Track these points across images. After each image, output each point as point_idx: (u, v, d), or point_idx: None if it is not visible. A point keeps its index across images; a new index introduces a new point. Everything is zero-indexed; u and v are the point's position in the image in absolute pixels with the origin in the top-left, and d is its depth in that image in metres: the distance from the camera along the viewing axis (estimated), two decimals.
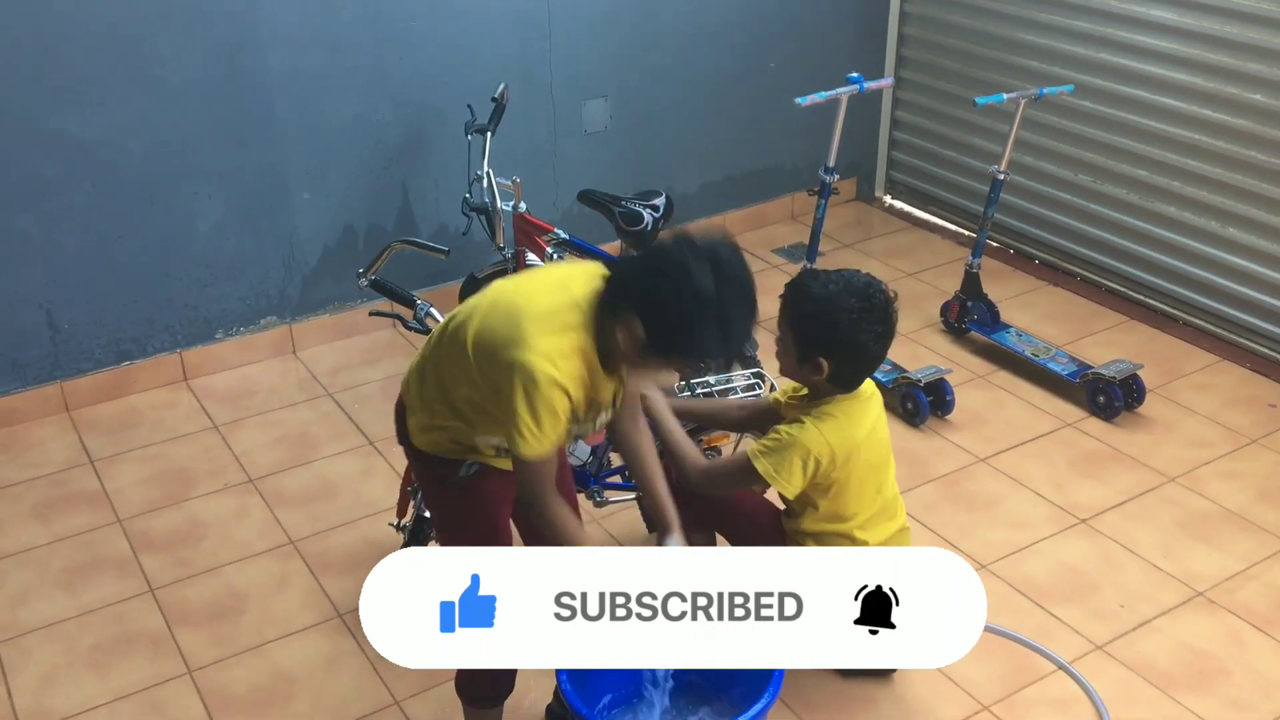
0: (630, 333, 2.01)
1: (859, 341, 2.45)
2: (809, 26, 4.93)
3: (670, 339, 2.00)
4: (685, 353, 2.05)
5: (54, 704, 2.81)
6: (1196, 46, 4.08)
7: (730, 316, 1.98)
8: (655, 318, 1.99)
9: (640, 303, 2.00)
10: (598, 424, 2.21)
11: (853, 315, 2.44)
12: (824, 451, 2.49)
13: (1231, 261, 4.18)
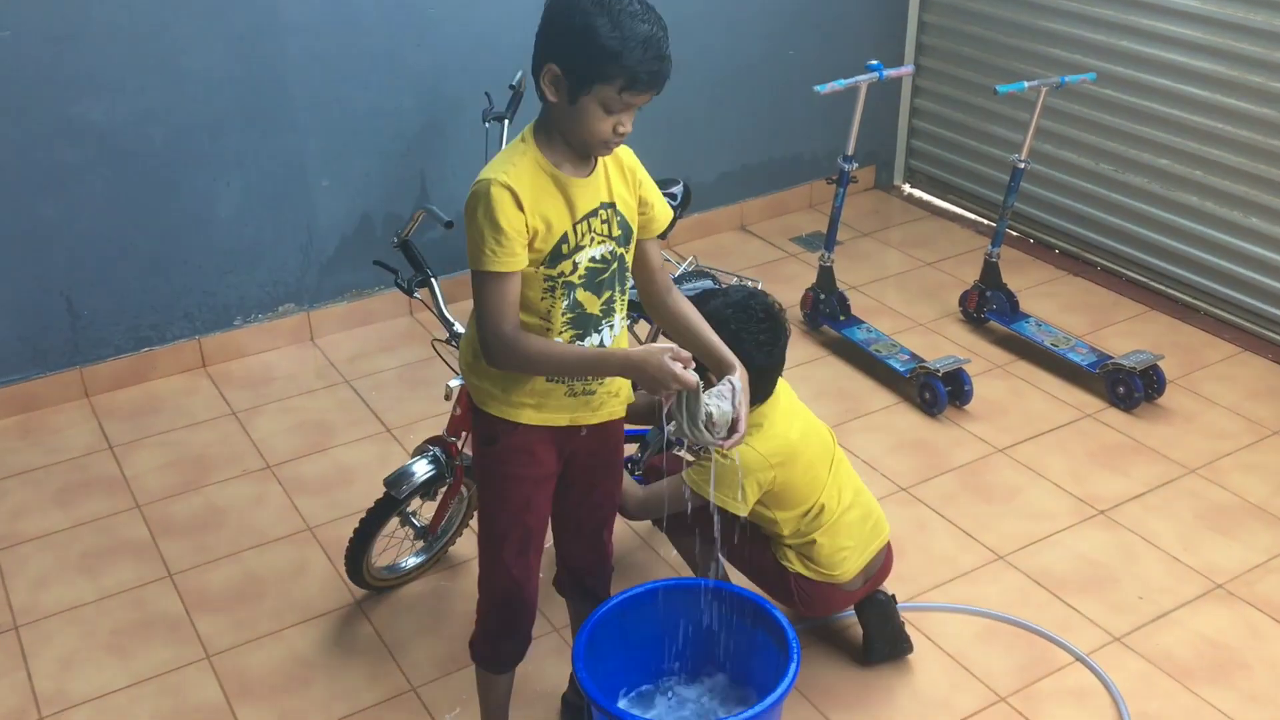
0: (553, 84, 2.02)
1: (745, 352, 2.36)
2: (829, 14, 4.91)
3: (574, 57, 1.98)
4: (595, 63, 1.96)
5: (74, 688, 2.83)
6: (1220, 34, 4.04)
7: (618, 8, 1.96)
8: (558, 49, 2.00)
9: (544, 49, 2.03)
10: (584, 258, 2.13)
11: (731, 327, 2.45)
12: (764, 466, 2.52)
13: (1254, 252, 4.14)
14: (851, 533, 2.69)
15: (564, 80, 2.00)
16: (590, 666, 2.34)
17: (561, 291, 2.13)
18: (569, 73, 1.99)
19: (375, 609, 3.03)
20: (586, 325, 2.18)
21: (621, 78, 1.97)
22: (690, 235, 4.92)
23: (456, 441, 2.91)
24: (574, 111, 2.02)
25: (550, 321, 2.14)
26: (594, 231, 2.14)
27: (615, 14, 1.96)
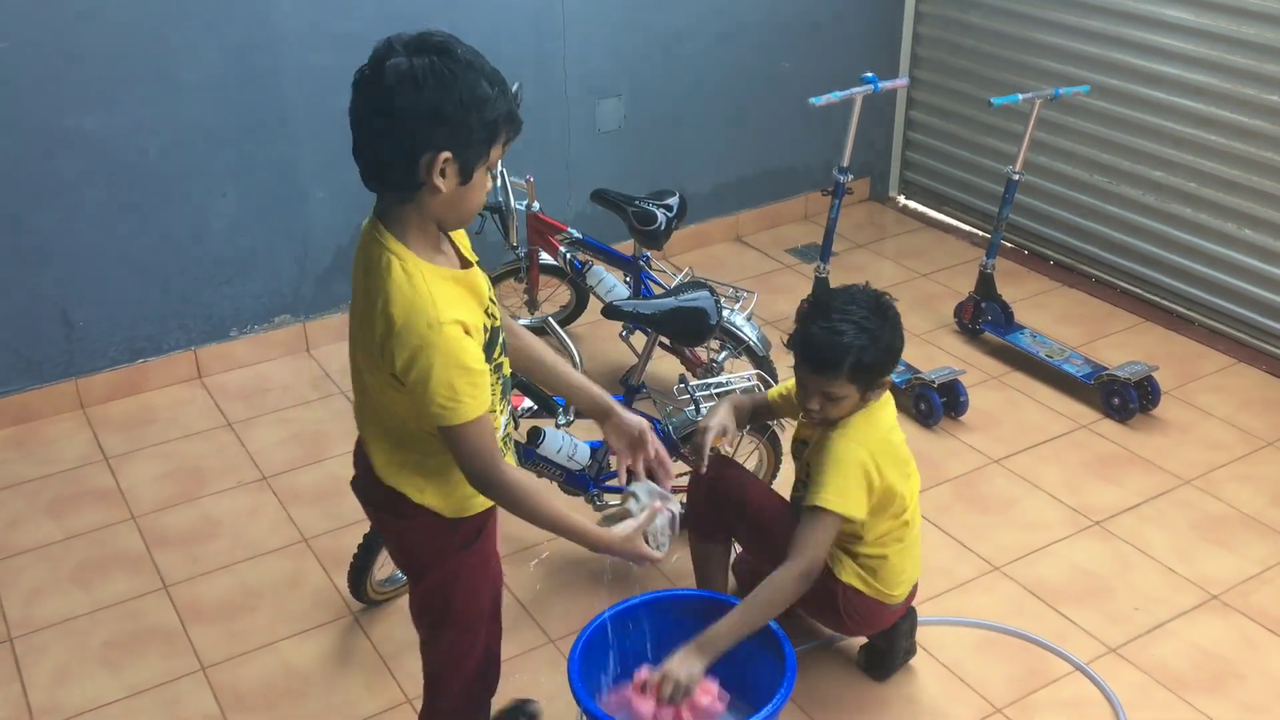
0: (443, 171, 1.81)
1: (901, 347, 2.54)
2: (823, 26, 4.92)
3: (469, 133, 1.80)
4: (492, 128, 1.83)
5: (68, 700, 2.82)
6: (1214, 47, 4.06)
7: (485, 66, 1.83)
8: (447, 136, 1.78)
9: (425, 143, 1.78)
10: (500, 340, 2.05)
11: (895, 329, 2.51)
12: (865, 458, 2.49)
13: (1248, 264, 4.15)
14: (916, 556, 2.69)
15: (456, 162, 1.81)
16: (585, 679, 2.34)
17: (495, 375, 2.02)
18: (464, 150, 1.81)
19: (371, 620, 3.02)
20: (506, 387, 2.13)
21: (509, 127, 1.87)
22: (685, 247, 4.93)
23: None
24: (466, 190, 1.87)
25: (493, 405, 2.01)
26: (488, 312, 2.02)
27: (486, 72, 1.82)
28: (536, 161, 4.37)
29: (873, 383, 2.50)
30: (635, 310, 3.01)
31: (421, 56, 1.80)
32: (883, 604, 2.65)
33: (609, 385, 3.97)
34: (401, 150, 1.80)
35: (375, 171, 1.87)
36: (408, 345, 1.83)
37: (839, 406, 2.51)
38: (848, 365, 2.44)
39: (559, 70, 4.40)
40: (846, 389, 2.48)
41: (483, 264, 4.33)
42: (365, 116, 1.85)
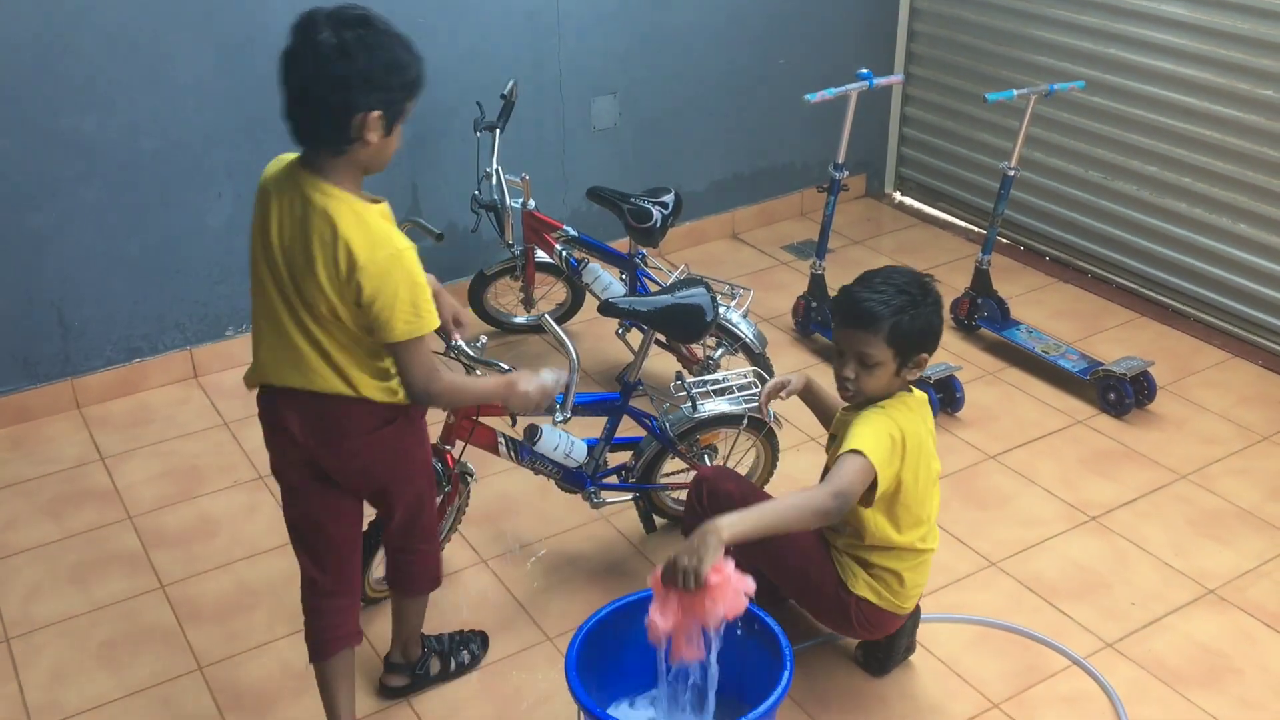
0: (373, 126, 2.09)
1: (941, 328, 2.54)
2: (819, 23, 4.93)
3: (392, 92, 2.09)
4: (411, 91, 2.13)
5: (65, 700, 2.82)
6: (1208, 42, 4.07)
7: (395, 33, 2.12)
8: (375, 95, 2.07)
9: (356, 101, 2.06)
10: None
11: (935, 307, 2.52)
12: (897, 433, 2.45)
13: (1243, 258, 4.16)
14: (928, 572, 2.68)
15: (384, 119, 2.10)
16: (582, 675, 2.34)
17: None
18: (389, 108, 2.10)
19: (367, 620, 3.02)
20: None
21: (419, 85, 2.15)
22: (681, 244, 4.93)
23: (451, 450, 2.92)
24: (388, 141, 2.15)
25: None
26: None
27: (401, 40, 2.12)
28: (532, 160, 4.38)
29: (909, 355, 2.47)
30: (631, 307, 3.01)
31: (349, 30, 2.07)
32: (894, 615, 2.66)
33: (606, 382, 3.99)
34: (336, 112, 2.08)
35: (309, 131, 2.15)
36: (374, 276, 2.09)
37: (874, 376, 2.46)
38: (888, 324, 2.42)
39: (554, 68, 4.40)
40: (883, 353, 2.44)
41: (478, 262, 4.35)
42: (300, 84, 2.12)
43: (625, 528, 3.33)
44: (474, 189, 3.86)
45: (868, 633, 2.70)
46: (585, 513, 3.37)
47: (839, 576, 2.61)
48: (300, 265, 2.15)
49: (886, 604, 2.62)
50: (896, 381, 2.52)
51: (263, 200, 2.24)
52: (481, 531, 3.32)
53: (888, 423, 2.45)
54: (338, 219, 2.11)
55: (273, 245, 2.18)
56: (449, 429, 2.91)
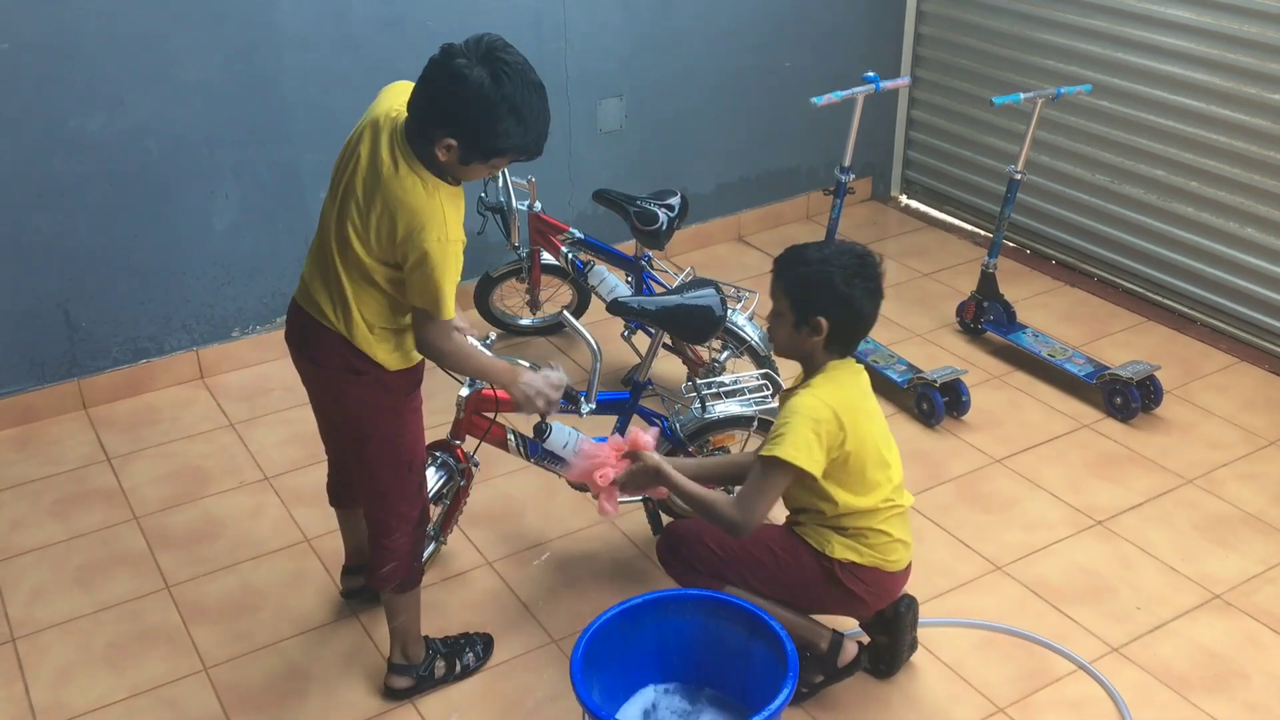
0: (446, 150, 2.23)
1: (853, 297, 2.51)
2: (825, 26, 4.92)
3: (478, 141, 2.22)
4: (496, 150, 2.25)
5: (70, 700, 2.82)
6: (1215, 46, 4.06)
7: (521, 104, 2.20)
8: (460, 129, 2.21)
9: (442, 123, 2.21)
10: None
11: (847, 271, 2.52)
12: (826, 413, 2.46)
13: (1250, 262, 4.15)
14: (907, 527, 2.67)
15: (458, 149, 2.23)
16: (588, 678, 2.34)
17: None
18: (466, 148, 2.23)
19: (373, 620, 3.02)
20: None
21: (517, 154, 2.29)
22: (687, 246, 4.93)
23: (461, 444, 2.93)
24: (460, 168, 2.29)
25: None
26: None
27: (520, 112, 2.20)
28: (538, 162, 4.30)
29: (805, 313, 2.50)
30: (641, 307, 3.01)
31: (480, 68, 2.19)
32: (885, 571, 2.63)
33: (611, 384, 3.99)
34: (427, 116, 2.24)
35: (412, 111, 2.27)
36: (418, 250, 2.26)
37: (779, 326, 2.56)
38: (788, 272, 2.54)
39: (560, 70, 4.40)
40: (780, 301, 2.55)
41: (484, 265, 4.36)
42: (424, 77, 2.25)
43: (632, 530, 3.33)
44: (480, 191, 3.86)
45: (874, 597, 2.66)
46: (592, 514, 3.37)
47: (816, 550, 2.61)
48: (359, 207, 2.32)
49: (870, 559, 2.60)
50: (799, 339, 2.54)
51: (363, 130, 2.37)
52: (487, 532, 3.33)
53: (810, 410, 2.47)
54: (409, 190, 2.27)
55: (356, 175, 2.34)
56: (458, 424, 2.92)
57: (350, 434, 2.56)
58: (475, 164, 2.27)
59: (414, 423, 2.59)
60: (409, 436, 2.57)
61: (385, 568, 2.63)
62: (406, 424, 2.56)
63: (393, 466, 2.55)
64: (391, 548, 2.61)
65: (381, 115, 2.34)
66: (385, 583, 2.66)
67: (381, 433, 2.52)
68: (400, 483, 2.58)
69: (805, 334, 2.53)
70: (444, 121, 2.21)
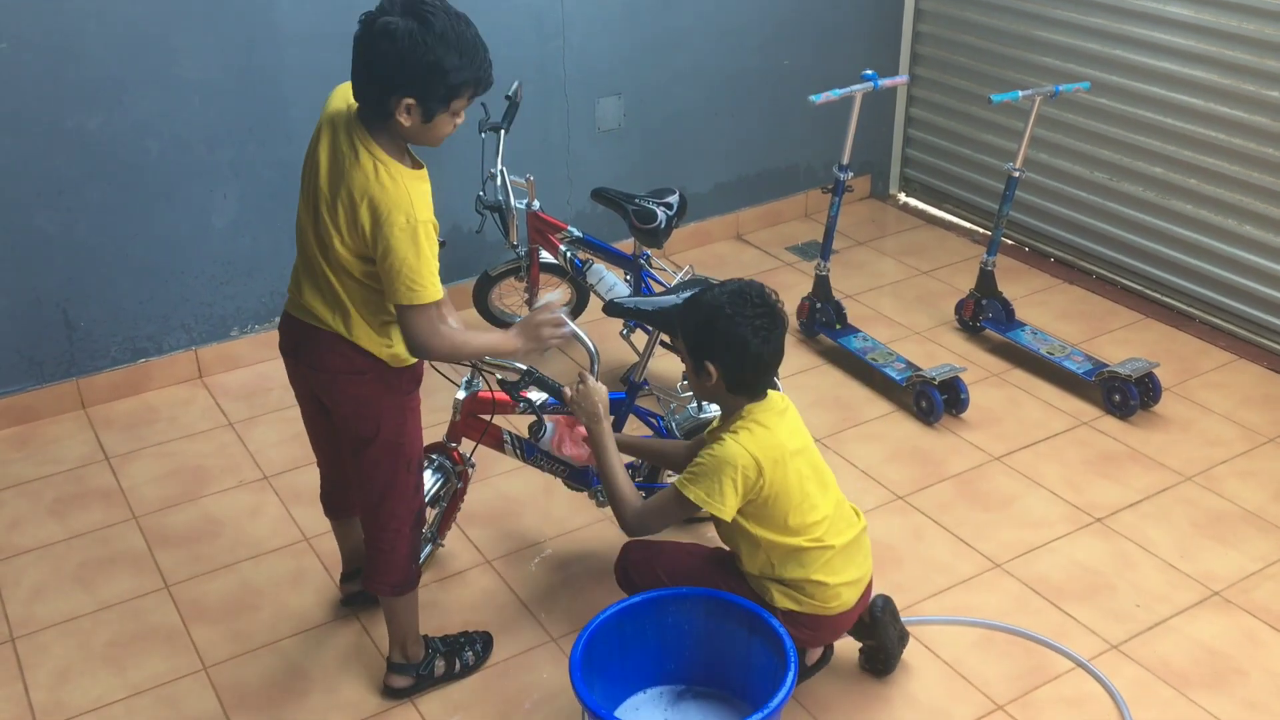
0: (407, 112, 2.22)
1: (740, 336, 2.42)
2: (824, 24, 4.92)
3: (431, 89, 2.20)
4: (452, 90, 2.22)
5: (70, 699, 2.82)
6: (1213, 43, 4.06)
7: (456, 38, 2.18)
8: (411, 86, 2.19)
9: (394, 86, 2.20)
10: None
11: (726, 312, 2.43)
12: (748, 462, 2.41)
13: (1248, 259, 4.15)
14: (846, 571, 2.57)
15: (418, 107, 2.22)
16: (587, 676, 2.34)
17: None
18: (424, 100, 2.22)
19: (372, 620, 3.02)
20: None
21: (472, 90, 2.26)
22: (686, 245, 4.93)
23: (457, 447, 2.93)
24: (429, 126, 2.27)
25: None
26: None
27: (458, 45, 2.19)
28: (537, 160, 4.38)
29: (698, 357, 2.46)
30: (636, 307, 3.01)
31: (407, 19, 2.16)
32: (825, 615, 2.58)
33: (610, 383, 3.98)
34: (375, 88, 2.22)
35: (359, 94, 2.28)
36: (387, 234, 2.24)
37: (689, 374, 2.55)
38: (680, 321, 2.55)
39: (559, 69, 4.40)
40: (678, 342, 2.56)
41: (483, 263, 4.35)
42: (356, 54, 2.23)
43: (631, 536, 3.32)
44: (479, 190, 3.86)
45: (818, 639, 2.66)
46: (589, 513, 3.37)
47: (763, 600, 2.57)
48: (328, 206, 2.32)
49: (809, 607, 2.54)
50: (700, 385, 2.52)
51: (319, 133, 2.37)
52: (485, 532, 3.33)
53: (730, 457, 2.42)
54: (370, 177, 2.25)
55: (319, 176, 2.34)
56: (454, 426, 2.92)
57: (352, 436, 2.54)
58: (440, 116, 2.25)
59: (414, 421, 2.59)
60: (409, 435, 2.57)
61: (383, 572, 2.64)
62: (408, 422, 2.56)
63: (391, 466, 2.55)
64: (388, 551, 2.62)
65: (334, 113, 2.35)
66: (383, 587, 2.66)
67: (383, 431, 2.51)
68: (398, 482, 2.57)
69: (704, 379, 2.49)
70: (394, 84, 2.19)
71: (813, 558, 2.52)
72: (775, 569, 2.53)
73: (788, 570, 2.53)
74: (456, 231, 4.32)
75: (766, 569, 2.55)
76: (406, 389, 2.54)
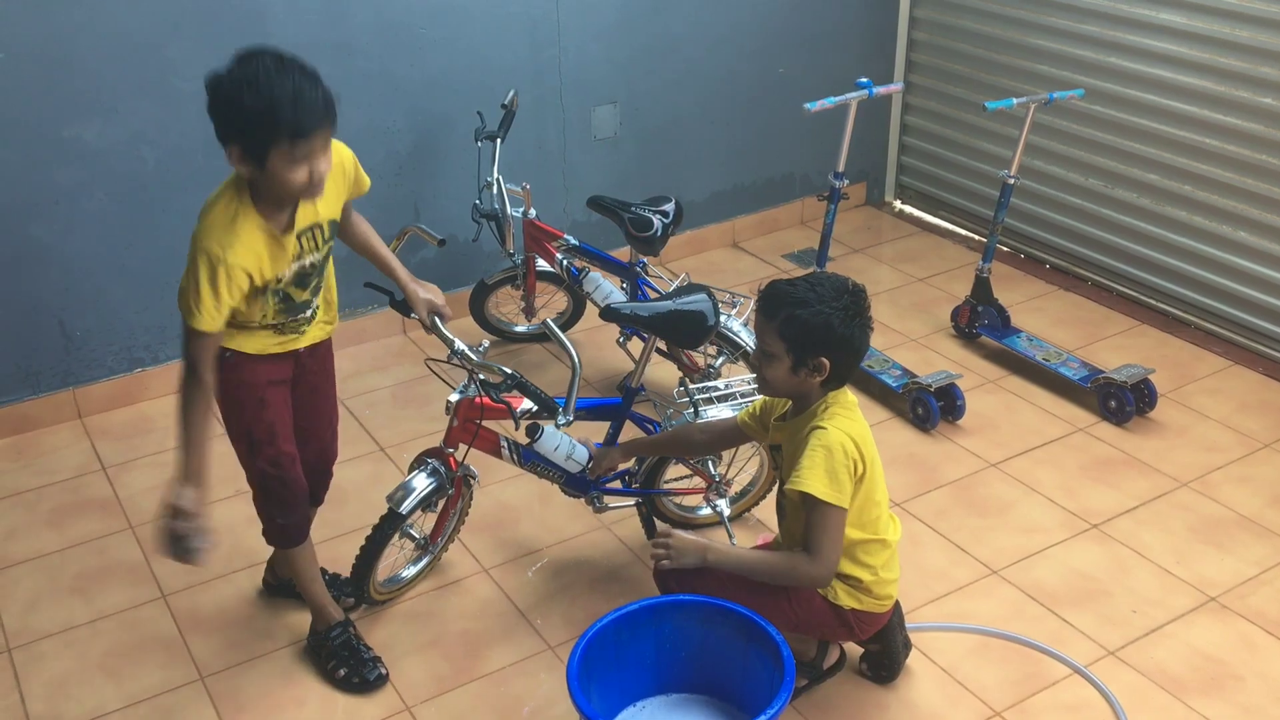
0: (240, 160, 2.26)
1: (852, 337, 2.48)
2: (818, 32, 4.94)
3: (241, 132, 2.22)
4: (255, 134, 2.21)
5: (66, 710, 2.82)
6: (1207, 50, 4.08)
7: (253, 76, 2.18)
8: (228, 130, 2.23)
9: (220, 133, 2.25)
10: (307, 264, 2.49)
11: (845, 313, 2.47)
12: (851, 447, 2.46)
13: (1243, 266, 4.17)
14: (896, 565, 2.67)
15: (246, 154, 2.24)
16: (584, 684, 2.34)
17: (271, 296, 2.47)
18: (246, 148, 2.23)
19: (368, 628, 3.02)
20: (295, 309, 2.55)
21: (285, 135, 2.21)
22: (682, 252, 4.94)
23: (454, 453, 2.93)
24: (267, 175, 2.26)
25: (261, 312, 2.49)
26: (300, 251, 2.46)
27: (254, 82, 2.18)
28: (533, 169, 4.38)
29: (805, 354, 2.45)
30: (633, 313, 3.01)
31: (238, 68, 2.21)
32: (881, 614, 2.66)
33: (607, 390, 3.99)
34: (219, 137, 2.27)
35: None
36: (191, 254, 2.32)
37: (770, 368, 2.49)
38: (782, 315, 2.46)
39: (554, 78, 4.41)
40: (775, 345, 2.48)
41: (479, 271, 4.34)
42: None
43: (627, 536, 3.33)
44: (475, 198, 3.87)
45: (864, 633, 2.69)
46: (586, 521, 3.37)
47: (825, 596, 2.59)
48: None
49: (869, 605, 2.61)
50: (797, 381, 2.50)
51: None
52: (483, 540, 3.33)
53: (836, 445, 2.44)
54: (215, 203, 2.36)
55: None
56: (452, 431, 2.92)
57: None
58: (274, 164, 2.24)
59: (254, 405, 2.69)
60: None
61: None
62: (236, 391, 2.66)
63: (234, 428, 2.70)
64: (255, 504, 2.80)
65: None
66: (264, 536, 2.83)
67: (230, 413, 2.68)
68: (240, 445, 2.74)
69: (805, 374, 2.50)
70: (220, 135, 2.24)
71: (875, 552, 2.58)
72: (843, 564, 2.55)
73: (855, 566, 2.56)
74: (453, 240, 4.32)
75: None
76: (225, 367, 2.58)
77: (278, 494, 2.74)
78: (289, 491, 2.73)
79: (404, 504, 2.85)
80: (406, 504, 2.85)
